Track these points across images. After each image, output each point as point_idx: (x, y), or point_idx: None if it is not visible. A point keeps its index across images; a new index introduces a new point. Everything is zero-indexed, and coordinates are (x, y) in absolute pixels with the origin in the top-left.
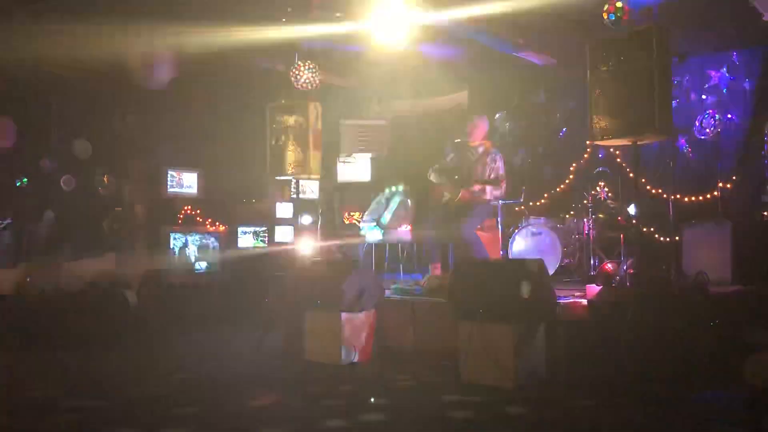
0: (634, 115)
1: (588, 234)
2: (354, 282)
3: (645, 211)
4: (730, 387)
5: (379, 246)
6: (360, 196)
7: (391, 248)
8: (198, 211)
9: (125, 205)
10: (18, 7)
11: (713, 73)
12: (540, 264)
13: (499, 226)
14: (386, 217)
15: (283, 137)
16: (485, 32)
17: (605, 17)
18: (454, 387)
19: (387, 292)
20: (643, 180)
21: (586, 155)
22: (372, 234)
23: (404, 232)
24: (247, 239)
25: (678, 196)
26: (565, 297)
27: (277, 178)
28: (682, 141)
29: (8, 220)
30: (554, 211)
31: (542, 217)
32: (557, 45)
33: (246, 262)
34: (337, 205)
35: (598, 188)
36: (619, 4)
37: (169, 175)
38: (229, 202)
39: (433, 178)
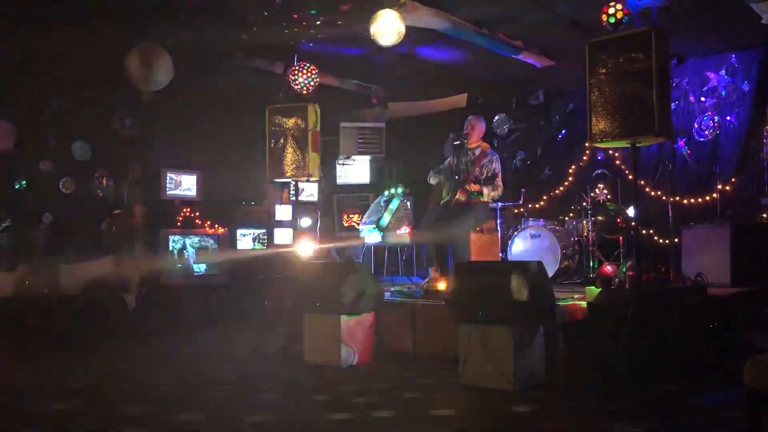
0: (632, 117)
1: (587, 236)
2: (353, 284)
3: (644, 213)
4: (730, 389)
5: (378, 248)
6: (359, 198)
7: (391, 250)
8: (197, 214)
9: (124, 208)
10: (18, 9)
11: (712, 75)
12: (539, 266)
13: (498, 228)
14: (385, 219)
15: (281, 139)
16: (484, 35)
17: (604, 19)
18: (453, 389)
19: (386, 294)
20: (642, 182)
21: (585, 157)
22: (371, 236)
23: (403, 234)
24: (246, 241)
25: (677, 198)
26: (564, 299)
27: (276, 180)
28: (681, 143)
29: (7, 223)
30: (553, 213)
31: (541, 219)
32: (556, 47)
33: (245, 265)
34: (336, 207)
35: (597, 190)
36: (617, 6)
37: (168, 178)
38: (228, 205)
39: (431, 180)
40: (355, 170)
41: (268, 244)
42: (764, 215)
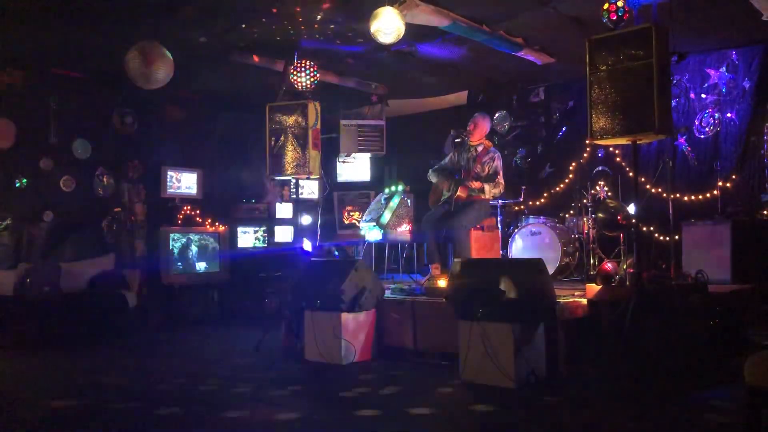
0: (633, 115)
1: (587, 233)
2: (354, 281)
3: (644, 210)
4: (730, 386)
5: (378, 246)
6: (359, 195)
7: (391, 248)
8: (197, 211)
9: (125, 206)
10: (18, 6)
11: (712, 72)
12: (539, 263)
13: (499, 226)
14: (386, 216)
15: (282, 137)
16: (484, 32)
17: (604, 16)
18: (453, 386)
19: (387, 292)
20: (643, 179)
21: (585, 154)
22: (372, 234)
23: (404, 231)
24: (246, 239)
25: (677, 195)
26: (564, 296)
27: (277, 178)
28: (682, 140)
29: (7, 221)
30: (554, 210)
31: (542, 216)
32: (556, 44)
33: (245, 263)
34: (336, 204)
35: (597, 187)
36: (618, 3)
37: (168, 176)
38: (229, 202)
39: (431, 178)
40: (356, 168)
41: (268, 241)
42: (765, 212)
